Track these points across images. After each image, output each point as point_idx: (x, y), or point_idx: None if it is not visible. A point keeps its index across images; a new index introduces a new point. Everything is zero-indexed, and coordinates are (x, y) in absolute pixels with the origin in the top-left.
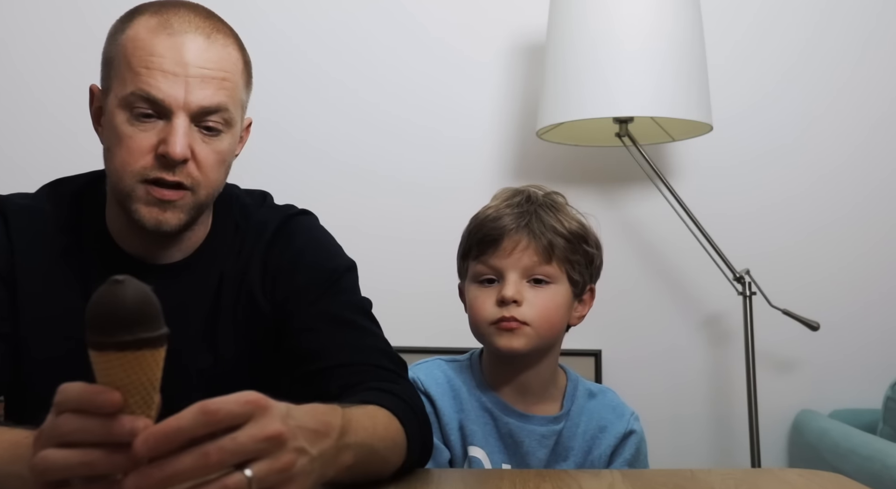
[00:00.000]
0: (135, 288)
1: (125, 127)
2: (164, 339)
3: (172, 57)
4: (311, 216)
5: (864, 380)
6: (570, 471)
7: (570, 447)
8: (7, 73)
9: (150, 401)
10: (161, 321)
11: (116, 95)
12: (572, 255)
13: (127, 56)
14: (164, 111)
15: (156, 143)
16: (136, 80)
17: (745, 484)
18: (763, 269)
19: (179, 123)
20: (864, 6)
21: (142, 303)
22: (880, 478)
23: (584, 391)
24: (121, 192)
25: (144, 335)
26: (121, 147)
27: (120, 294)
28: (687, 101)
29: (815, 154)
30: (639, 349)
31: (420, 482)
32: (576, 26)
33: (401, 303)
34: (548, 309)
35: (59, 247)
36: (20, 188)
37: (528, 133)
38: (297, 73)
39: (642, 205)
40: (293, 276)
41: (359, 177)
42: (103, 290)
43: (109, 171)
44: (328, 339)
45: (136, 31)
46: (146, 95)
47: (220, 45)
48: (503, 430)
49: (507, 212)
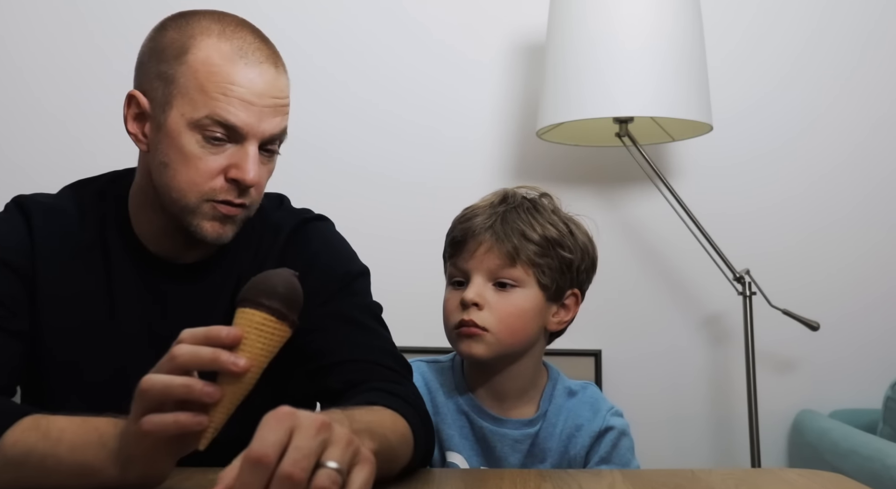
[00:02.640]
0: (297, 282)
1: (195, 147)
2: (295, 325)
3: (250, 87)
4: (328, 222)
5: (864, 380)
6: (570, 471)
7: (547, 448)
8: (7, 72)
9: (258, 370)
10: (299, 313)
11: (184, 115)
12: (540, 259)
13: (200, 79)
14: (236, 137)
15: (225, 166)
16: (214, 105)
17: (745, 484)
18: (763, 269)
19: (252, 151)
20: (864, 6)
21: (298, 294)
22: (880, 478)
23: (563, 390)
24: (183, 207)
25: (290, 312)
26: (189, 167)
27: (287, 278)
28: (687, 101)
29: (815, 154)
30: (639, 349)
31: (420, 482)
32: (576, 26)
33: (400, 302)
34: (510, 314)
35: (83, 246)
36: (21, 189)
37: (528, 133)
38: (298, 74)
39: (642, 205)
40: (306, 279)
41: (358, 176)
42: (276, 272)
43: (167, 186)
44: (334, 337)
45: (208, 56)
46: (223, 122)
47: (283, 75)
48: (478, 434)
49: (479, 213)
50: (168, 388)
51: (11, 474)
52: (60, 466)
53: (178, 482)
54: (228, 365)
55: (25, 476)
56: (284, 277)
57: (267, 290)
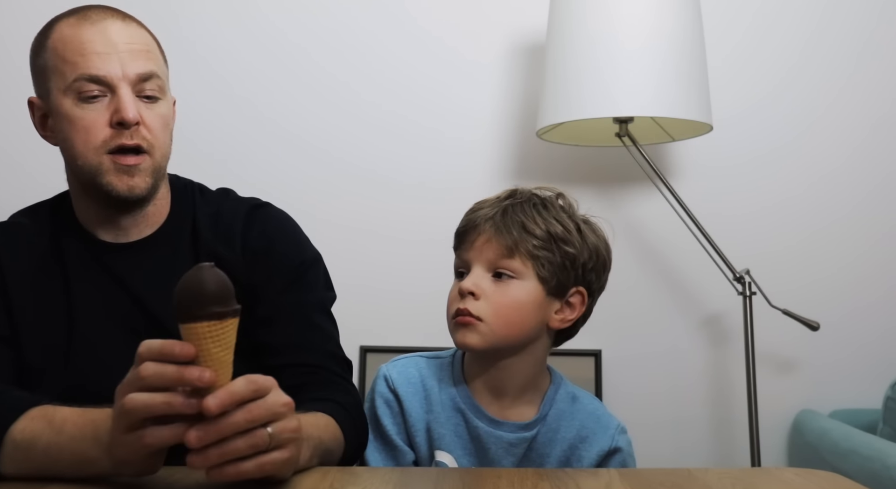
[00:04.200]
0: (216, 273)
1: (75, 111)
2: (238, 312)
3: (101, 40)
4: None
5: (864, 380)
6: (567, 471)
7: (546, 454)
8: (8, 72)
9: (227, 363)
10: (234, 299)
11: (59, 89)
12: (540, 252)
13: (59, 53)
14: (107, 88)
15: (108, 117)
16: (76, 67)
17: (742, 483)
18: (763, 269)
19: (125, 92)
20: (864, 6)
21: (223, 284)
22: (880, 478)
23: (567, 395)
24: (88, 170)
25: (226, 308)
26: (77, 129)
27: (204, 277)
28: (687, 101)
29: (815, 154)
30: (639, 349)
31: (420, 482)
32: (576, 26)
33: (400, 302)
34: (505, 305)
35: (41, 251)
36: (21, 188)
37: (528, 133)
38: (300, 74)
39: (642, 205)
40: (266, 263)
41: (359, 177)
42: (191, 275)
43: (71, 157)
44: (282, 336)
45: (60, 32)
46: (89, 77)
47: (135, 26)
48: (472, 434)
49: (484, 205)
50: (150, 407)
51: (20, 460)
52: (62, 455)
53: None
54: (194, 381)
55: (32, 462)
56: (206, 277)
57: (196, 299)
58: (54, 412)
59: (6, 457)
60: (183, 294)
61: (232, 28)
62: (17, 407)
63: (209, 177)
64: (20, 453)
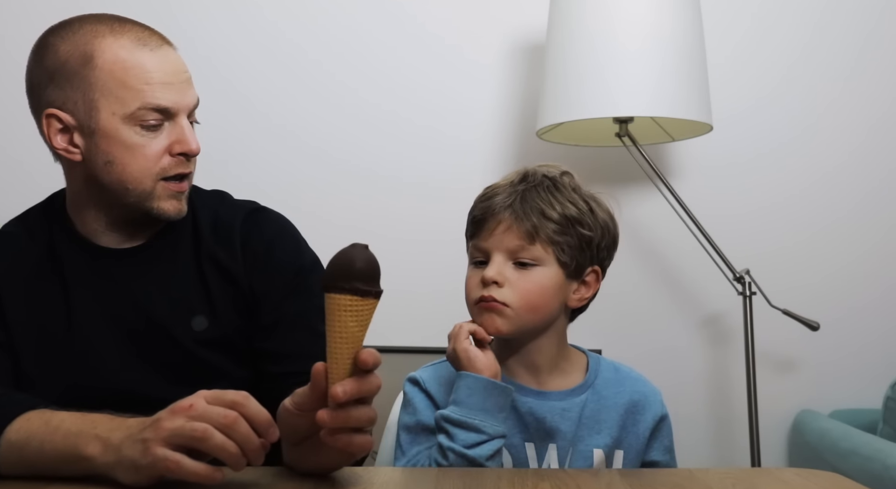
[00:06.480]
0: (368, 253)
1: (136, 138)
2: (379, 295)
3: (164, 69)
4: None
5: (864, 380)
6: (568, 471)
7: (602, 420)
8: (9, 72)
9: (360, 340)
10: (378, 282)
11: (116, 113)
12: (560, 237)
13: (119, 77)
14: (168, 117)
15: (167, 146)
16: (141, 95)
17: (742, 483)
18: (763, 269)
19: (186, 124)
20: (864, 6)
21: (371, 265)
22: (880, 478)
23: (609, 365)
24: (140, 194)
25: (369, 288)
26: (136, 156)
27: (356, 254)
28: (687, 101)
29: (815, 154)
30: (639, 349)
31: (420, 482)
32: (576, 26)
33: (400, 302)
34: (530, 292)
35: (36, 258)
36: (21, 189)
37: (528, 133)
38: (300, 74)
39: (642, 205)
40: (266, 270)
41: (359, 176)
42: (345, 250)
43: (118, 180)
44: (284, 344)
45: (115, 53)
46: (156, 107)
47: (176, 50)
48: (523, 409)
49: (499, 191)
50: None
51: (15, 458)
52: (55, 452)
53: None
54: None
55: (26, 459)
56: (357, 254)
57: (345, 272)
58: (52, 414)
59: (2, 458)
60: (333, 266)
61: (232, 28)
62: (16, 409)
63: (209, 177)
64: (14, 451)
